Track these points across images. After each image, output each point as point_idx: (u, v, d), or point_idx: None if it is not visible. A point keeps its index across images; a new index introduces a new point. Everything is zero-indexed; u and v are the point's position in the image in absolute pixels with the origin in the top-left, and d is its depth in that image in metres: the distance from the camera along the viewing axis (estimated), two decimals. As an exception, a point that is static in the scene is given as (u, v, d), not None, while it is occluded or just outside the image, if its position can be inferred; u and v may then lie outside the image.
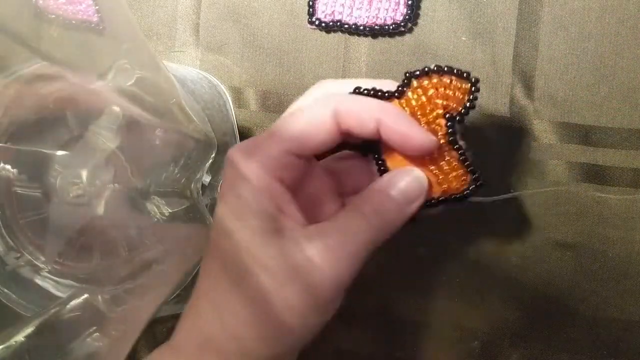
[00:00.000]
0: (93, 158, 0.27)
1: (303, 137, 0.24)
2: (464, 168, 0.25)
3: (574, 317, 0.34)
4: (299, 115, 0.25)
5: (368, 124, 0.24)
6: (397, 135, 0.24)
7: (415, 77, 0.25)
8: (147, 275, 0.29)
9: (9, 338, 0.23)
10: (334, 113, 0.24)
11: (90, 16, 0.29)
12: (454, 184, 0.26)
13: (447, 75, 0.24)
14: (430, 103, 0.25)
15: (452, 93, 0.24)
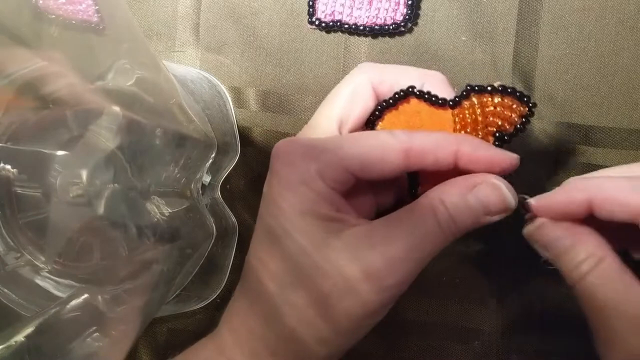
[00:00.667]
0: (93, 158, 0.27)
1: (367, 164, 0.24)
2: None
3: (574, 317, 0.34)
4: (365, 139, 0.24)
5: (446, 159, 0.24)
6: (480, 163, 0.24)
7: (475, 92, 0.25)
8: (147, 275, 0.29)
9: (9, 338, 0.23)
10: (407, 150, 0.24)
11: (90, 16, 0.29)
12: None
13: (509, 96, 0.24)
14: (484, 120, 0.25)
15: (509, 114, 0.24)
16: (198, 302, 0.36)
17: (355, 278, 0.23)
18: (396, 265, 0.23)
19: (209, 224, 0.33)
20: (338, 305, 0.23)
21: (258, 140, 0.36)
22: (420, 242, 0.24)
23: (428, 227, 0.24)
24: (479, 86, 0.25)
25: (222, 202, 0.36)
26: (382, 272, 0.23)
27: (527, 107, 0.24)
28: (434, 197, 0.24)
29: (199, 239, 0.33)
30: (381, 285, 0.23)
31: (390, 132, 0.24)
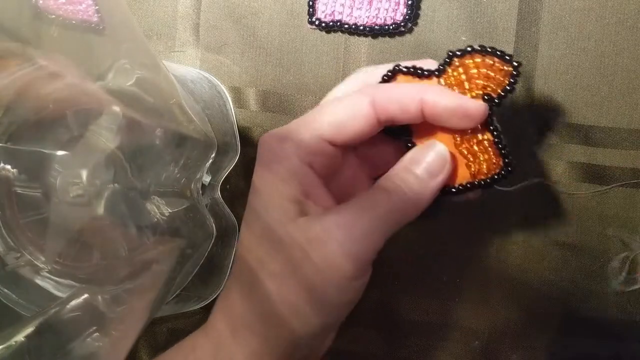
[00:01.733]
0: (93, 158, 0.27)
1: (338, 125, 0.24)
2: (496, 152, 0.25)
3: (574, 317, 0.34)
4: (335, 104, 0.25)
5: (411, 107, 0.24)
6: (444, 110, 0.24)
7: (457, 56, 0.24)
8: (147, 275, 0.29)
9: (9, 338, 0.23)
10: (373, 102, 0.24)
11: (90, 16, 0.29)
12: (484, 167, 0.25)
13: (490, 56, 0.24)
14: (470, 82, 0.24)
15: (494, 74, 0.24)
16: (198, 302, 0.36)
17: (318, 240, 0.23)
18: (347, 231, 0.23)
19: (209, 224, 0.33)
20: (308, 271, 0.23)
21: (258, 140, 0.36)
22: (370, 210, 0.24)
23: (376, 196, 0.24)
24: (460, 50, 0.24)
25: (222, 202, 0.36)
26: (334, 235, 0.23)
27: (511, 66, 0.24)
28: (384, 180, 0.25)
29: (199, 239, 0.33)
30: (341, 242, 0.23)
31: (361, 89, 0.25)
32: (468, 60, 0.24)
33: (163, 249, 0.30)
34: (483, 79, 0.24)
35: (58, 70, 0.28)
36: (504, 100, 0.24)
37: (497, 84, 0.24)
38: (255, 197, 0.25)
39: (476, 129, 0.25)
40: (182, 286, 0.34)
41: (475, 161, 0.25)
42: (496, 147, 0.25)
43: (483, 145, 0.25)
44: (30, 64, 0.27)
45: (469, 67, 0.24)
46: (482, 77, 0.24)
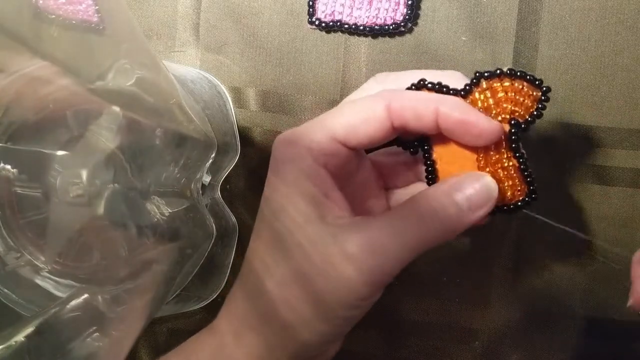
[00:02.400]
0: (93, 158, 0.27)
1: (352, 127, 0.24)
2: (521, 178, 0.24)
3: (574, 317, 0.34)
4: (350, 106, 0.24)
5: (425, 116, 0.23)
6: (457, 124, 0.23)
7: (485, 78, 0.24)
8: (147, 275, 0.29)
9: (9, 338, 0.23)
10: (388, 107, 0.23)
11: (90, 16, 0.29)
12: (508, 193, 0.25)
13: (520, 80, 0.23)
14: (497, 106, 0.24)
15: (522, 99, 0.23)
16: (198, 302, 0.36)
17: (336, 258, 0.23)
18: (377, 249, 0.22)
19: (209, 224, 0.33)
20: (319, 285, 0.23)
21: (258, 140, 0.36)
22: (400, 235, 0.23)
23: (410, 220, 0.23)
24: (488, 72, 0.24)
25: (222, 202, 0.36)
26: (363, 254, 0.22)
27: (540, 91, 0.23)
28: (420, 194, 0.24)
29: (199, 239, 0.33)
30: (362, 266, 0.22)
31: (377, 92, 0.25)
32: (496, 84, 0.24)
33: (163, 249, 0.30)
34: (511, 104, 0.24)
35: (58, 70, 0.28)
36: (531, 125, 0.24)
37: (524, 109, 0.24)
38: (267, 200, 0.25)
39: (501, 154, 0.24)
40: (182, 286, 0.34)
41: (499, 186, 0.24)
42: (521, 173, 0.24)
43: (508, 171, 0.24)
44: (30, 64, 0.27)
45: (496, 91, 0.24)
46: (510, 101, 0.24)
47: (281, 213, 0.24)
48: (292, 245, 0.23)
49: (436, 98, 0.24)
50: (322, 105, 0.35)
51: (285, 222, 0.24)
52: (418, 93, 0.24)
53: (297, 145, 0.24)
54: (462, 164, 0.25)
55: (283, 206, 0.24)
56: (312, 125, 0.25)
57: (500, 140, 0.24)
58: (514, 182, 0.24)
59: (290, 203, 0.24)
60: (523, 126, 0.24)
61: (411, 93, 0.24)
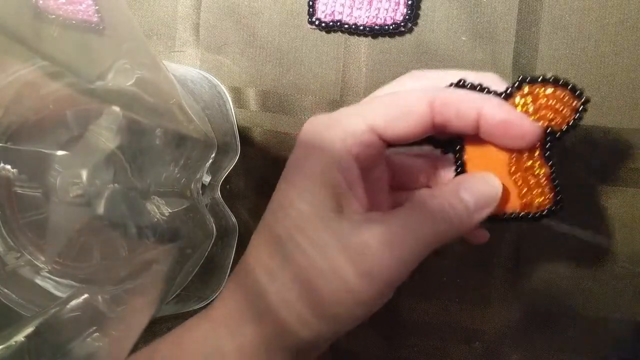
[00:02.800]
0: (93, 158, 0.27)
1: (392, 120, 0.23)
2: (550, 186, 0.24)
3: (574, 317, 0.34)
4: (392, 97, 0.24)
5: (469, 115, 0.23)
6: (500, 124, 0.23)
7: (528, 83, 0.24)
8: (147, 275, 0.29)
9: (9, 338, 0.23)
10: (432, 102, 0.23)
11: (90, 16, 0.29)
12: (535, 201, 0.25)
13: (562, 88, 0.24)
14: (537, 112, 0.24)
15: (562, 108, 0.24)
16: (198, 302, 0.36)
17: (340, 263, 0.22)
18: (389, 249, 0.22)
19: (209, 224, 0.33)
20: (322, 289, 0.23)
21: (258, 140, 0.36)
22: (415, 231, 0.23)
23: (422, 217, 0.23)
24: (531, 77, 0.24)
25: (222, 202, 0.36)
26: (375, 251, 0.22)
27: (580, 101, 0.23)
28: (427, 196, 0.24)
29: (199, 239, 0.33)
30: (372, 265, 0.22)
31: (420, 88, 0.24)
32: (539, 89, 0.24)
33: (163, 249, 0.30)
34: (551, 112, 0.24)
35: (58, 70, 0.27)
36: (565, 135, 0.24)
37: (562, 117, 0.24)
38: (288, 184, 0.24)
39: (534, 161, 0.24)
40: (182, 286, 0.34)
41: (528, 193, 0.25)
42: (551, 182, 0.24)
43: (539, 178, 0.25)
44: (30, 64, 0.27)
45: (538, 97, 0.24)
46: (550, 109, 0.24)
47: (303, 197, 0.23)
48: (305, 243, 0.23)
49: (481, 98, 0.23)
50: (322, 105, 0.35)
51: (304, 207, 0.23)
52: (462, 91, 0.24)
53: (332, 130, 0.24)
54: (493, 168, 0.25)
55: (307, 190, 0.23)
56: (350, 112, 0.24)
57: (534, 148, 0.24)
58: (543, 190, 0.25)
59: (314, 188, 0.23)
60: (558, 135, 0.24)
61: (456, 91, 0.24)
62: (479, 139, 0.25)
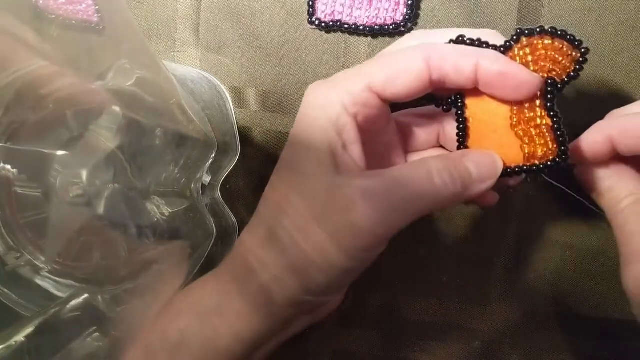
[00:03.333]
0: (93, 158, 0.27)
1: (389, 77, 0.24)
2: (553, 138, 0.24)
3: (574, 317, 0.34)
4: (388, 57, 0.24)
5: (465, 68, 0.23)
6: (498, 76, 0.23)
7: (525, 35, 0.23)
8: (147, 275, 0.29)
9: (9, 338, 0.23)
10: (427, 58, 0.23)
11: (90, 16, 0.29)
12: (538, 152, 0.24)
13: (560, 39, 0.23)
14: (536, 64, 0.24)
15: (561, 58, 0.23)
16: (198, 302, 0.36)
17: (335, 203, 0.23)
18: (378, 202, 0.23)
19: (209, 223, 0.33)
20: (318, 228, 0.23)
21: (258, 140, 0.36)
22: (408, 187, 0.23)
23: (419, 175, 0.23)
24: (529, 29, 0.23)
25: (222, 202, 0.36)
26: (362, 204, 0.22)
27: (579, 52, 0.23)
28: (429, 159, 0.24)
29: (199, 239, 0.33)
30: (360, 217, 0.22)
31: (416, 45, 0.24)
32: (537, 41, 0.23)
33: (163, 249, 0.30)
34: (550, 62, 0.23)
35: (58, 70, 0.28)
36: (566, 86, 0.24)
37: (562, 68, 0.24)
38: (293, 145, 0.25)
39: (535, 111, 0.24)
40: (183, 286, 0.34)
41: (530, 144, 0.24)
42: (554, 133, 0.24)
43: (541, 129, 0.24)
44: (30, 64, 0.27)
45: (536, 48, 0.24)
46: (549, 60, 0.23)
47: (305, 157, 0.24)
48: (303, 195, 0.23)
49: (476, 51, 0.23)
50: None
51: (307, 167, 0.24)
52: (458, 46, 0.24)
53: (331, 92, 0.24)
54: (494, 122, 0.25)
55: (308, 150, 0.24)
56: (348, 73, 0.24)
57: (535, 99, 0.24)
58: (546, 141, 0.24)
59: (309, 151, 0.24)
60: (559, 86, 0.24)
61: (451, 46, 0.24)
62: (479, 93, 0.24)
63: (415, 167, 0.24)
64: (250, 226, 0.26)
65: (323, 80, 0.25)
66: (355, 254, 0.23)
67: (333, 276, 0.23)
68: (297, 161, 0.24)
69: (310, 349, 0.36)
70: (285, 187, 0.24)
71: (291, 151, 0.25)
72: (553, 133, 0.24)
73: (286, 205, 0.24)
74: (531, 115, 0.24)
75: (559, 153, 0.24)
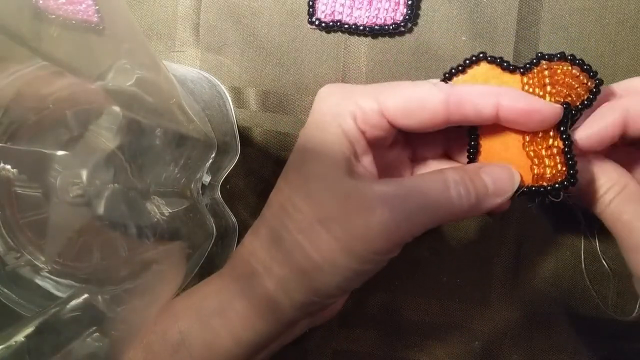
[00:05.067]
0: (93, 158, 0.27)
1: (404, 110, 0.24)
2: (563, 160, 0.24)
3: (574, 317, 0.34)
4: (409, 87, 0.24)
5: (485, 109, 0.23)
6: (520, 114, 0.23)
7: (545, 59, 0.24)
8: (147, 275, 0.29)
9: (9, 338, 0.23)
10: (447, 100, 0.23)
11: (90, 16, 0.29)
12: (547, 173, 0.25)
13: (577, 67, 0.24)
14: (553, 87, 0.24)
15: (577, 86, 0.24)
16: (198, 302, 0.36)
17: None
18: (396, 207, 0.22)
19: (209, 224, 0.33)
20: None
21: (258, 140, 0.36)
22: (426, 196, 0.23)
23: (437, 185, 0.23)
24: (549, 54, 0.25)
25: (222, 202, 0.36)
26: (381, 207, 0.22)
27: (594, 82, 0.24)
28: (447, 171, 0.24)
29: (199, 239, 0.33)
30: (379, 220, 0.22)
31: (430, 81, 0.25)
32: (556, 66, 0.24)
33: (163, 249, 0.30)
34: (566, 88, 0.24)
35: (58, 70, 0.28)
36: (580, 113, 0.24)
37: (577, 95, 0.24)
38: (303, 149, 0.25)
39: (548, 134, 0.24)
40: (182, 286, 0.34)
41: (540, 165, 0.25)
42: (565, 156, 0.24)
43: (552, 151, 0.24)
44: (30, 64, 0.27)
45: (555, 72, 0.24)
46: (566, 85, 0.24)
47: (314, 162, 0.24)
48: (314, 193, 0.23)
49: (495, 91, 0.24)
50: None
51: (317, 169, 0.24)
52: (476, 87, 0.24)
53: (344, 102, 0.24)
54: (506, 141, 0.25)
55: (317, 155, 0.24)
56: (364, 90, 0.24)
57: None
58: (555, 163, 0.24)
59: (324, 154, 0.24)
60: (574, 112, 0.24)
61: (469, 87, 0.24)
62: None
63: (432, 177, 0.24)
64: (253, 228, 0.26)
65: (335, 86, 0.25)
66: (367, 257, 0.23)
67: (343, 278, 0.23)
68: (306, 163, 0.24)
69: (310, 349, 0.36)
70: (290, 188, 0.24)
71: (300, 154, 0.25)
72: (563, 156, 0.24)
73: (290, 206, 0.24)
74: (543, 136, 0.24)
75: (568, 176, 0.24)
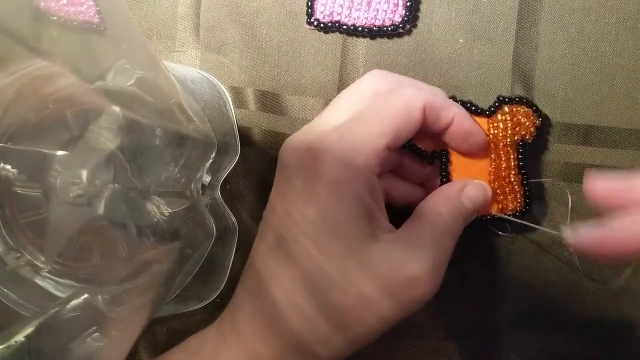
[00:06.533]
0: (93, 158, 0.27)
1: (398, 131, 0.25)
2: (522, 192, 0.30)
3: (574, 317, 0.34)
4: (394, 104, 0.26)
5: (445, 120, 0.27)
6: (463, 131, 0.28)
7: (506, 103, 0.30)
8: (147, 275, 0.29)
9: (9, 338, 0.23)
10: (424, 106, 0.26)
11: (91, 17, 0.29)
12: (510, 205, 0.30)
13: (528, 107, 0.30)
14: (514, 128, 0.29)
15: (528, 124, 0.30)
16: (198, 302, 0.37)
17: (375, 295, 0.23)
18: (434, 274, 0.25)
19: (209, 224, 0.33)
20: (353, 320, 0.23)
21: (258, 140, 0.36)
22: (444, 244, 0.25)
23: (443, 228, 0.26)
24: (508, 97, 0.30)
25: (222, 202, 0.36)
26: (424, 281, 0.25)
27: (540, 121, 0.29)
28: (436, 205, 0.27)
29: (199, 239, 0.33)
30: (402, 298, 0.24)
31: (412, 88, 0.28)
32: (516, 109, 0.30)
33: (163, 249, 0.30)
34: (522, 127, 0.30)
35: (58, 70, 0.28)
36: (531, 147, 0.30)
37: (529, 133, 0.30)
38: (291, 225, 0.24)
39: (510, 170, 0.30)
40: (182, 286, 0.34)
41: (504, 200, 0.30)
42: (523, 188, 0.30)
43: (513, 185, 0.30)
44: (30, 64, 0.27)
45: (516, 114, 0.30)
46: (521, 125, 0.30)
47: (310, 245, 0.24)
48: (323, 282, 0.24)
49: (454, 105, 0.28)
50: (319, 105, 0.35)
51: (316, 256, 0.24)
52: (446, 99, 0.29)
53: (353, 162, 0.24)
54: (475, 178, 0.29)
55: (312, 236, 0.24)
56: (361, 135, 0.25)
57: (510, 158, 0.30)
58: (515, 196, 0.30)
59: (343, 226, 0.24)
60: (527, 147, 0.30)
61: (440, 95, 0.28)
62: (459, 153, 0.29)
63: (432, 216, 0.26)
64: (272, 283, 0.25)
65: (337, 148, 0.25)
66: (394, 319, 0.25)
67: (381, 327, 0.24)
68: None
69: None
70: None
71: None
72: (522, 188, 0.30)
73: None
74: (506, 173, 0.30)
75: (524, 205, 0.30)
